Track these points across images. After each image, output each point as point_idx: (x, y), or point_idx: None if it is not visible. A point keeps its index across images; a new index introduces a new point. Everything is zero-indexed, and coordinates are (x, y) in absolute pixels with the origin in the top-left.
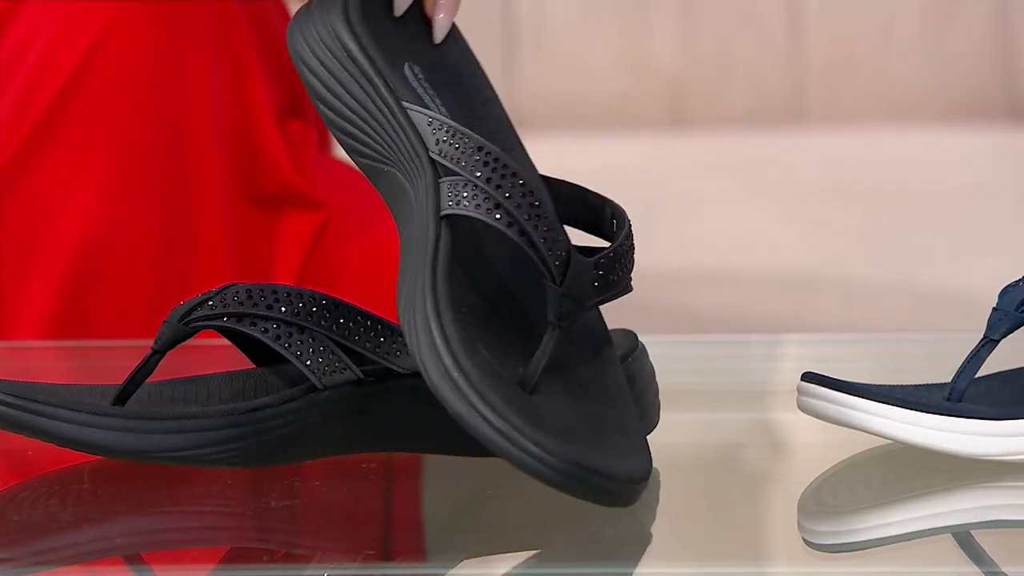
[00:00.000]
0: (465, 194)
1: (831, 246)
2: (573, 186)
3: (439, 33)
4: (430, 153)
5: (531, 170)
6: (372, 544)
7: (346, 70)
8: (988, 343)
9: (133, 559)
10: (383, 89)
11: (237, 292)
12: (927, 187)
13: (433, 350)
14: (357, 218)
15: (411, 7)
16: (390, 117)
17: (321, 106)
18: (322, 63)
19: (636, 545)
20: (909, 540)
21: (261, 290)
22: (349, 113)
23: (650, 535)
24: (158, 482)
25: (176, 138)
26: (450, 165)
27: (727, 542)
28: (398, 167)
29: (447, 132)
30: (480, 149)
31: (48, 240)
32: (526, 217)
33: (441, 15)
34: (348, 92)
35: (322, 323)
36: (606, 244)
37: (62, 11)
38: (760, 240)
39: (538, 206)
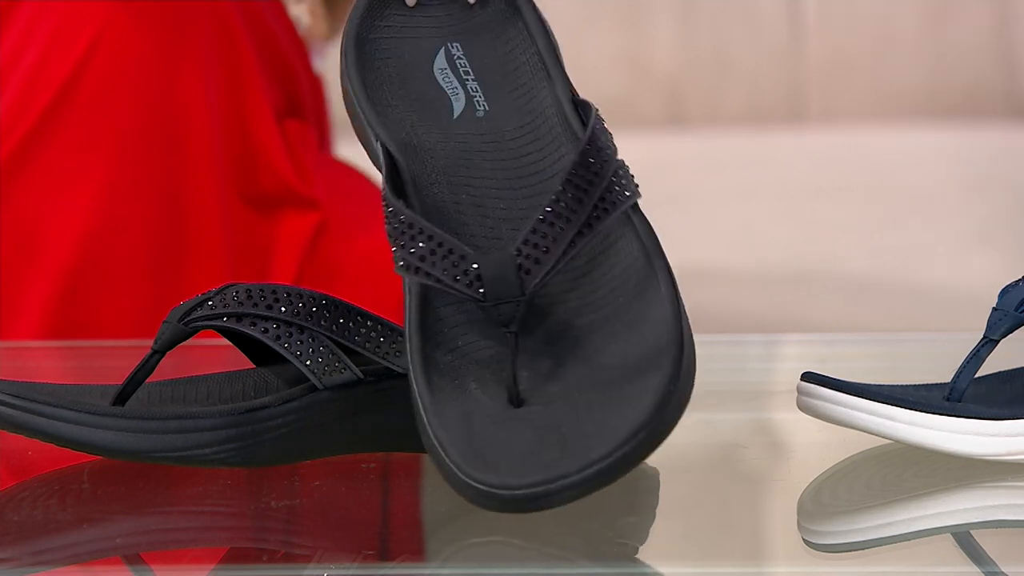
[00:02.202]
0: (393, 252)
1: (830, 244)
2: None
3: None
4: None
5: (574, 116)
6: (372, 544)
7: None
8: (988, 343)
9: (133, 559)
10: (369, 133)
11: (237, 292)
12: (926, 185)
13: (417, 411)
14: (356, 219)
15: None
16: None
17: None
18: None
19: (636, 545)
20: (909, 540)
21: (261, 290)
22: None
23: (650, 535)
24: (158, 482)
25: (173, 138)
26: None
27: (727, 542)
28: None
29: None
30: (385, 202)
31: (46, 240)
32: (420, 259)
33: None
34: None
35: (322, 323)
36: None
37: (59, 11)
38: (759, 239)
39: (426, 239)
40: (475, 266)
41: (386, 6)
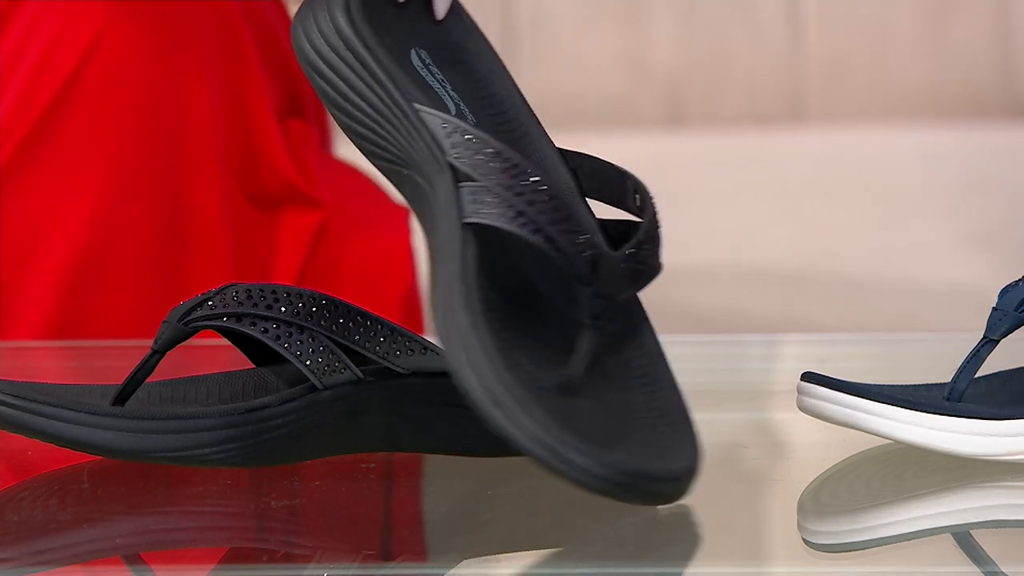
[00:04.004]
0: (487, 201)
1: (830, 244)
2: (593, 159)
3: (440, 9)
4: (447, 156)
5: (551, 150)
6: (372, 544)
7: (354, 72)
8: (988, 343)
9: (133, 559)
10: (393, 90)
11: (237, 292)
12: (925, 185)
13: (475, 370)
14: (357, 218)
15: None
16: (403, 119)
17: (333, 110)
18: (329, 65)
19: (635, 545)
20: (909, 540)
21: (261, 290)
22: (361, 116)
23: (650, 535)
24: (157, 482)
25: (175, 138)
26: (469, 171)
27: (727, 542)
28: (417, 171)
29: (462, 135)
30: (498, 155)
31: (47, 240)
32: (549, 221)
33: None
34: (358, 94)
35: (322, 323)
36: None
37: (60, 11)
38: (759, 238)
39: (562, 208)
40: (592, 251)
41: None
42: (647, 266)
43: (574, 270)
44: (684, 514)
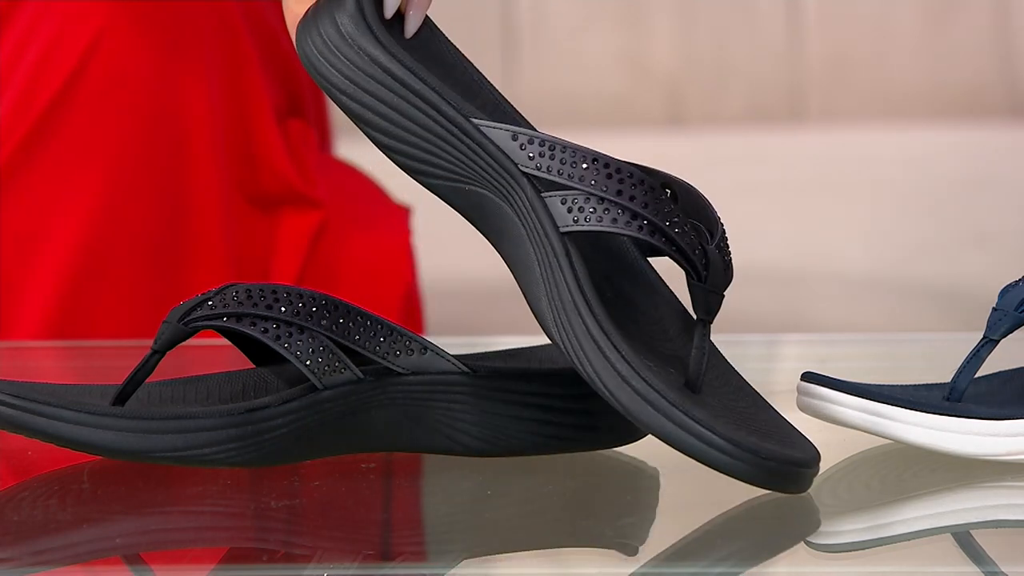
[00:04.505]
0: (591, 209)
1: (830, 244)
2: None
3: (411, 27)
4: (521, 167)
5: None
6: (372, 544)
7: (395, 94)
8: (988, 343)
9: (133, 559)
10: (446, 108)
11: (237, 292)
12: (926, 185)
13: (620, 375)
14: (357, 218)
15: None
16: (461, 136)
17: (376, 134)
18: (364, 89)
19: (635, 545)
20: (909, 540)
21: (261, 290)
22: (410, 137)
23: (650, 535)
24: (157, 482)
25: (174, 138)
26: (555, 179)
27: (727, 542)
28: (482, 185)
29: (542, 145)
30: (596, 160)
31: (47, 240)
32: (667, 222)
33: (412, 11)
34: (404, 116)
35: (322, 323)
36: None
37: (60, 11)
38: (759, 238)
39: (672, 207)
40: (701, 247)
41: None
42: (731, 257)
43: (693, 268)
44: (684, 514)
